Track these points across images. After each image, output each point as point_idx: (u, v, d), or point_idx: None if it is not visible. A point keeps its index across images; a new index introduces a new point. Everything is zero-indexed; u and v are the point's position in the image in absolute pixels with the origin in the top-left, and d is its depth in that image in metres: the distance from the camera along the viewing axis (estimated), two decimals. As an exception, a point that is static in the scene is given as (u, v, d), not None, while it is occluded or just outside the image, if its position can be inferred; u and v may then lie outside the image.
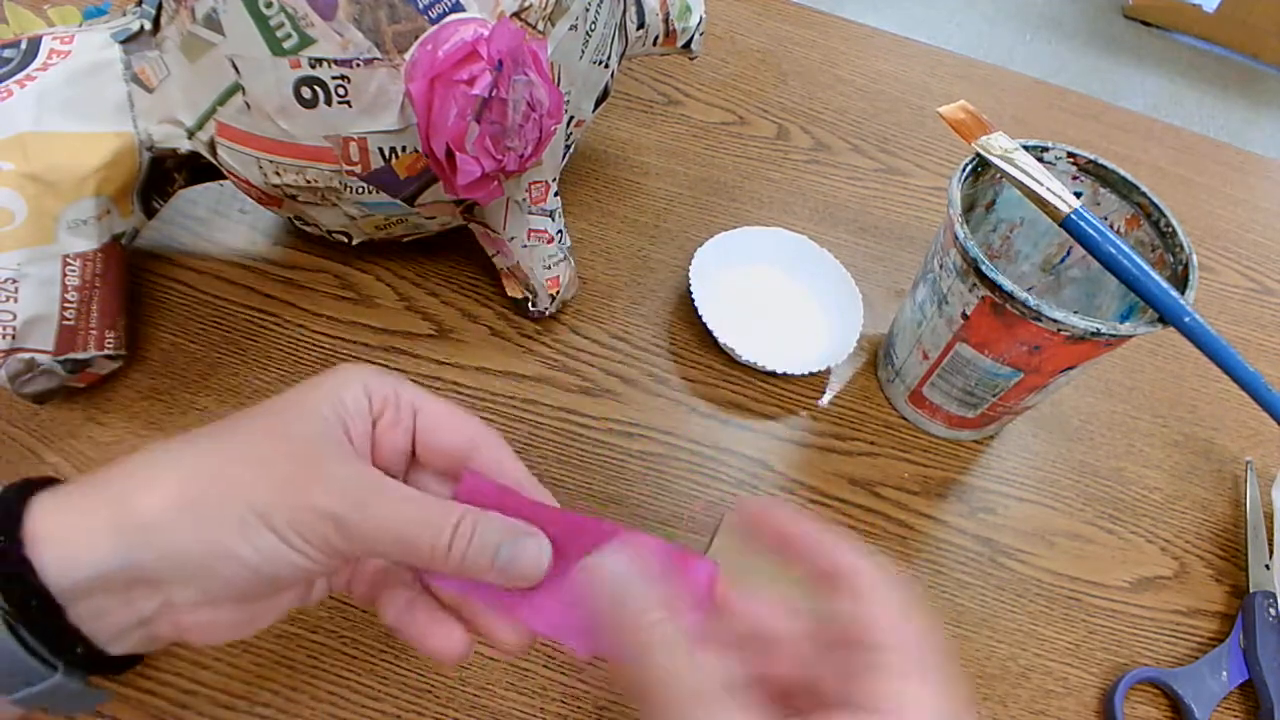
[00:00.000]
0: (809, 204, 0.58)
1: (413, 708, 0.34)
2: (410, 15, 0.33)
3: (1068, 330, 0.36)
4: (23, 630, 0.21)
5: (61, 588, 0.21)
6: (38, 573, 0.21)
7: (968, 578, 0.42)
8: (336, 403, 0.24)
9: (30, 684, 0.22)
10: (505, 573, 0.24)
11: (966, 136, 0.42)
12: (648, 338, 0.48)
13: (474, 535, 0.23)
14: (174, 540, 0.22)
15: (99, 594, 0.22)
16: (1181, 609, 0.43)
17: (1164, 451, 0.49)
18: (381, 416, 0.26)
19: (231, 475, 0.23)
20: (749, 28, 0.71)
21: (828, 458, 0.45)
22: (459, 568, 0.24)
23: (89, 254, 0.36)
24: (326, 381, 0.25)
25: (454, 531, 0.23)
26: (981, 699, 0.38)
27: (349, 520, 0.22)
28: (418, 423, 0.26)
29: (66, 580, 0.21)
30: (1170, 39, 2.36)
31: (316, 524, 0.22)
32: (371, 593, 0.27)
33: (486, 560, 0.24)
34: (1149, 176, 0.67)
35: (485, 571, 0.24)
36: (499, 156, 0.36)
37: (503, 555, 0.24)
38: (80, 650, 0.22)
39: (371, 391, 0.25)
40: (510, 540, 0.24)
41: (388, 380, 0.26)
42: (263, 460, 0.23)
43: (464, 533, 0.23)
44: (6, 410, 0.39)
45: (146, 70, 0.36)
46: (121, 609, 0.23)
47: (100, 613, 0.22)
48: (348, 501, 0.22)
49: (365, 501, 0.23)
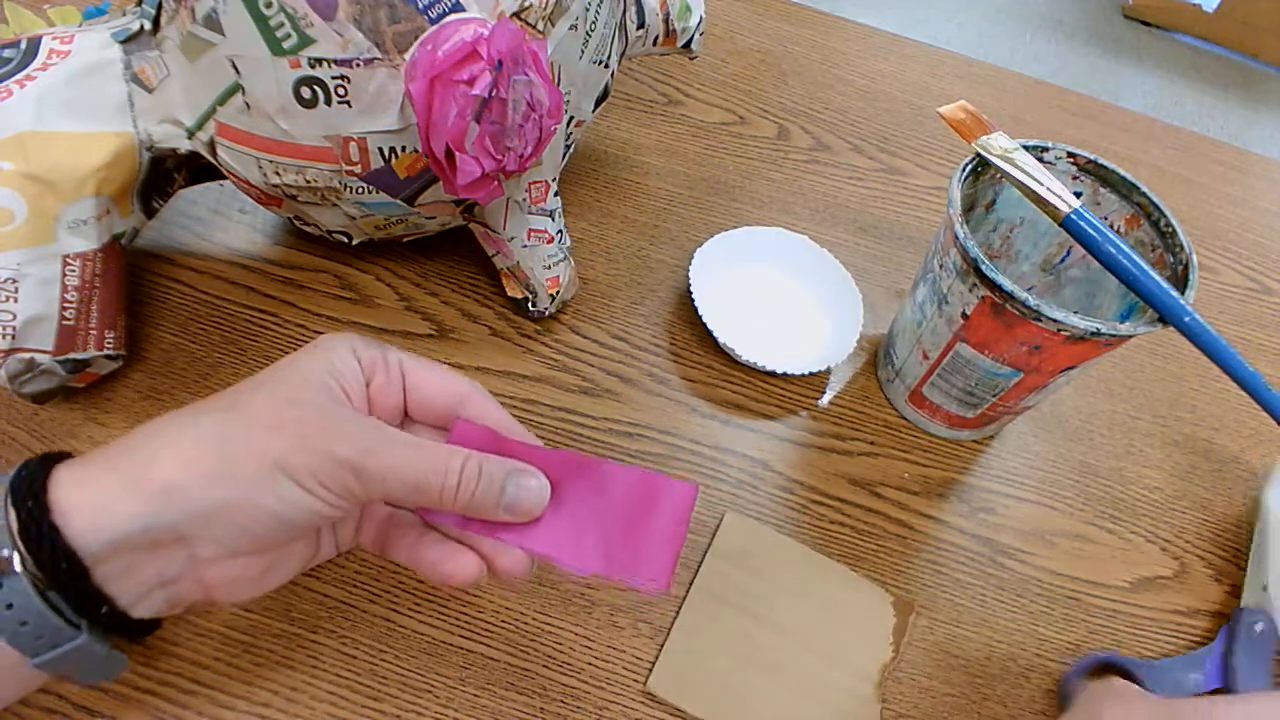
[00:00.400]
0: (809, 204, 0.58)
1: (412, 708, 0.34)
2: (410, 15, 0.33)
3: (1068, 330, 0.36)
4: (52, 594, 0.22)
5: (90, 550, 0.23)
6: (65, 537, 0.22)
7: (968, 578, 0.42)
8: (330, 368, 0.26)
9: (56, 646, 0.23)
10: (511, 509, 0.26)
11: (966, 136, 0.42)
12: (648, 338, 0.48)
13: (480, 475, 0.26)
14: (200, 498, 0.23)
15: (125, 554, 0.23)
16: (1181, 609, 0.43)
17: (1164, 451, 0.49)
18: (372, 379, 0.28)
19: (251, 438, 0.24)
20: (749, 28, 0.71)
21: (828, 458, 0.45)
22: (467, 506, 0.26)
23: (89, 254, 0.36)
24: (315, 351, 0.27)
25: (461, 473, 0.25)
26: (981, 699, 0.38)
27: (366, 466, 0.24)
28: (407, 382, 0.28)
29: (95, 544, 0.23)
30: (1170, 39, 2.36)
31: (336, 471, 0.24)
32: (379, 540, 0.29)
33: (493, 498, 0.26)
34: (1149, 176, 0.67)
35: (492, 509, 0.26)
36: (499, 156, 0.36)
37: (508, 493, 0.26)
38: (105, 610, 0.24)
39: (360, 355, 0.27)
40: (514, 479, 0.26)
41: (372, 344, 0.28)
42: (279, 424, 0.24)
43: (470, 473, 0.25)
44: (6, 410, 0.39)
45: (146, 70, 0.36)
46: (147, 565, 0.24)
47: (126, 570, 0.24)
48: (363, 450, 0.24)
49: (378, 450, 0.25)
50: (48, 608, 0.22)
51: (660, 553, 0.27)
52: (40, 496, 0.23)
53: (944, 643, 0.39)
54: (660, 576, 0.26)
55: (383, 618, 0.36)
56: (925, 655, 0.39)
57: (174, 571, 0.24)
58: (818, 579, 0.40)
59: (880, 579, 0.41)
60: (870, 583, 0.40)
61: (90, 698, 0.32)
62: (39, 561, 0.22)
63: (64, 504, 0.23)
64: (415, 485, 0.25)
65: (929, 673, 0.38)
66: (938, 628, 0.40)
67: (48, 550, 0.22)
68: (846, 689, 0.37)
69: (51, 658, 0.23)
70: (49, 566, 0.22)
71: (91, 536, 0.22)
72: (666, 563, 0.27)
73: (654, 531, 0.27)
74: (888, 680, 0.37)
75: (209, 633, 0.34)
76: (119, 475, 0.23)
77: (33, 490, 0.23)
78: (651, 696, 0.35)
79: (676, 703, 0.35)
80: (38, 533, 0.22)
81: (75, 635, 0.23)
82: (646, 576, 0.26)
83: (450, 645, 0.35)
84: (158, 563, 0.24)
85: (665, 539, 0.27)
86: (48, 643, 0.23)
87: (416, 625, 0.36)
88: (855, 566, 0.41)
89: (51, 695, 0.31)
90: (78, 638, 0.23)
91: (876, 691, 0.37)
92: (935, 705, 0.37)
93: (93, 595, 0.23)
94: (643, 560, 0.27)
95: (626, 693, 0.35)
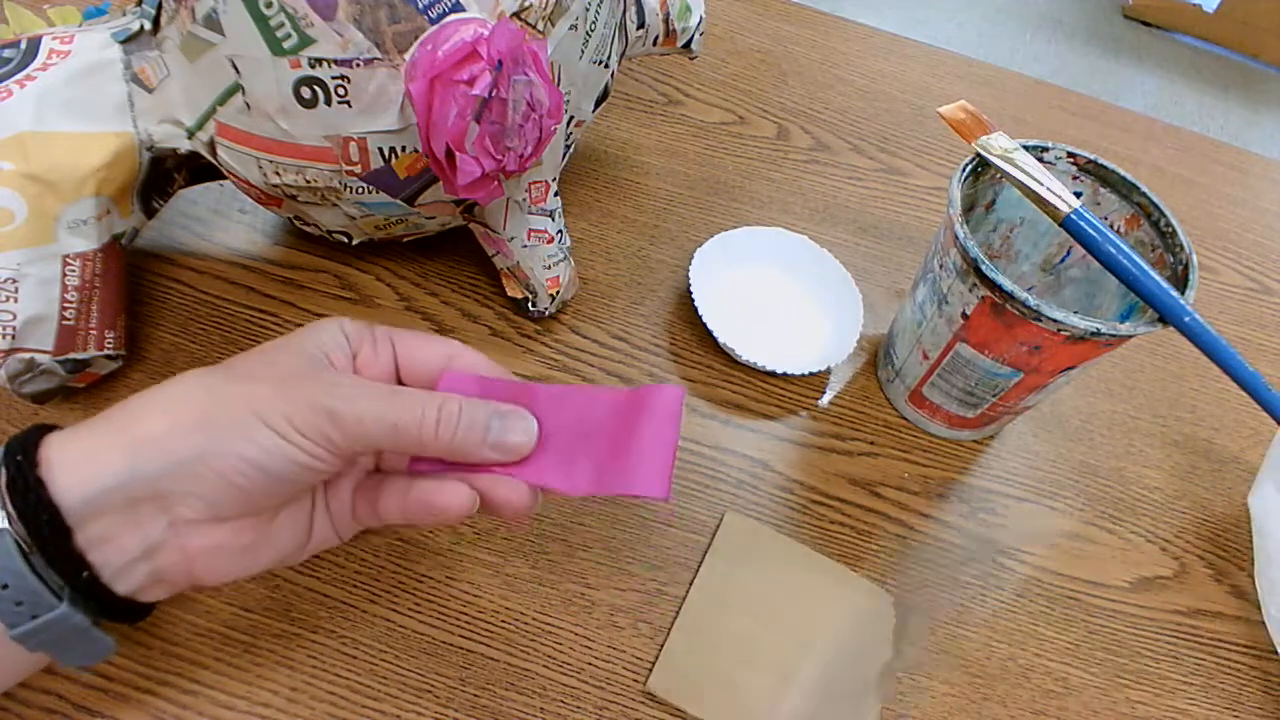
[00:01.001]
0: (809, 204, 0.58)
1: (412, 708, 0.34)
2: (410, 15, 0.33)
3: (1068, 330, 0.36)
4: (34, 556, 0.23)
5: (72, 506, 0.23)
6: (50, 491, 0.23)
7: (968, 578, 0.42)
8: (318, 340, 0.27)
9: (35, 616, 0.23)
10: (499, 447, 0.26)
11: (966, 136, 0.42)
12: (648, 338, 0.48)
13: (461, 414, 0.25)
14: (179, 448, 0.23)
15: (108, 512, 0.23)
16: (1181, 609, 0.43)
17: (1164, 451, 0.49)
18: (360, 351, 0.28)
19: (232, 393, 0.24)
20: (749, 28, 0.71)
21: (828, 458, 0.45)
22: (450, 446, 0.26)
23: (89, 254, 0.36)
24: (304, 330, 0.27)
25: (440, 411, 0.25)
26: (981, 699, 0.38)
27: (341, 411, 0.24)
28: (397, 350, 0.28)
29: (77, 497, 0.23)
30: (1170, 39, 2.36)
31: (311, 417, 0.24)
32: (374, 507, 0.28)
33: (478, 436, 0.26)
34: (1149, 176, 0.67)
35: (479, 447, 0.26)
36: (499, 156, 0.36)
37: (494, 431, 0.26)
38: (86, 575, 0.24)
39: (348, 332, 0.28)
40: (499, 418, 0.26)
41: (361, 322, 0.28)
42: (258, 377, 0.25)
43: (450, 411, 0.25)
44: (6, 410, 0.39)
45: (146, 70, 0.36)
46: (129, 531, 0.24)
47: (107, 535, 0.24)
48: (339, 396, 0.24)
49: (354, 396, 0.25)
50: (29, 570, 0.22)
51: (653, 459, 0.26)
52: (31, 453, 0.23)
53: (944, 643, 0.39)
54: (656, 482, 0.26)
55: (383, 618, 0.36)
56: (925, 655, 0.39)
57: (156, 539, 0.24)
58: (818, 579, 0.40)
59: (880, 579, 0.41)
60: (870, 583, 0.40)
61: (90, 697, 0.32)
62: (24, 516, 0.22)
63: (52, 460, 0.23)
64: (394, 425, 0.25)
65: (929, 673, 0.38)
66: (938, 628, 0.40)
67: (32, 504, 0.22)
68: (846, 689, 0.37)
69: (30, 629, 0.23)
70: (33, 523, 0.22)
71: (76, 492, 0.23)
72: (661, 468, 0.26)
73: (644, 440, 0.26)
74: (888, 680, 0.37)
75: (209, 633, 0.34)
76: (104, 432, 0.24)
77: (24, 447, 0.23)
78: (651, 696, 0.35)
79: (676, 703, 0.35)
80: (24, 486, 0.22)
81: (56, 605, 0.23)
82: (643, 485, 0.26)
83: (450, 645, 0.35)
84: (139, 528, 0.24)
85: (657, 445, 0.26)
86: (27, 611, 0.23)
87: (416, 625, 0.36)
88: (855, 566, 0.41)
89: (52, 696, 0.31)
90: (58, 607, 0.23)
91: (876, 691, 0.37)
92: (935, 705, 0.37)
93: (75, 560, 0.23)
94: (636, 471, 0.26)
95: (626, 693, 0.35)
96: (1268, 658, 0.42)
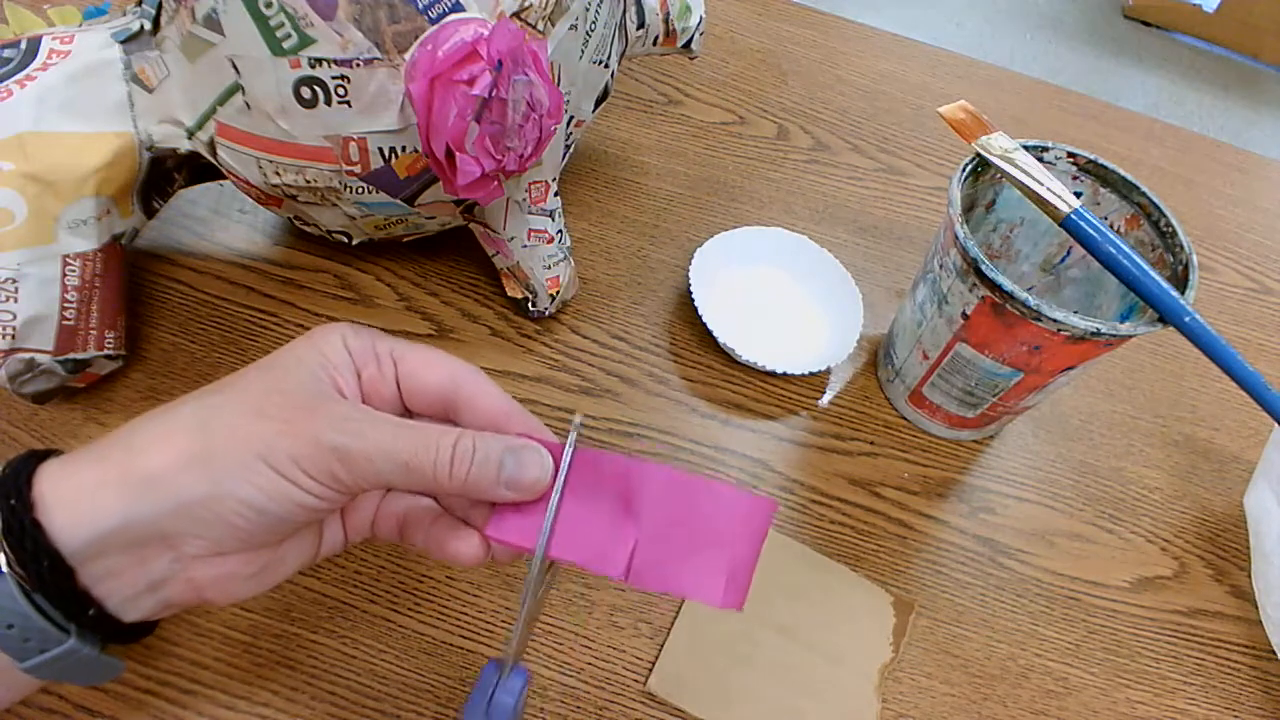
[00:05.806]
0: (809, 204, 0.58)
1: (412, 708, 0.34)
2: (410, 15, 0.33)
3: (1068, 330, 0.36)
4: (37, 596, 0.22)
5: (72, 549, 0.22)
6: (48, 534, 0.22)
7: (968, 578, 0.42)
8: (320, 358, 0.25)
9: (44, 650, 0.22)
10: (512, 484, 0.25)
11: (966, 136, 0.42)
12: (648, 338, 0.48)
13: (475, 451, 0.24)
14: (179, 489, 0.22)
15: (111, 553, 0.23)
16: (1181, 609, 0.43)
17: (1164, 451, 0.49)
18: (365, 370, 0.26)
19: (235, 427, 0.23)
20: (749, 28, 0.71)
21: (828, 458, 0.45)
22: (464, 485, 0.24)
23: (89, 254, 0.36)
24: (306, 342, 0.26)
25: (454, 449, 0.24)
26: (981, 699, 0.38)
27: (351, 449, 0.23)
28: (400, 370, 0.27)
29: (77, 540, 0.22)
30: (1170, 39, 2.36)
31: (319, 457, 0.23)
32: (399, 528, 0.28)
33: (491, 474, 0.24)
34: (1149, 176, 0.67)
35: (492, 485, 0.24)
36: (499, 156, 0.36)
37: (507, 468, 0.24)
38: (92, 613, 0.23)
39: (350, 345, 0.26)
40: (512, 452, 0.25)
41: (364, 333, 0.27)
42: (263, 412, 0.23)
43: (464, 448, 0.24)
44: (6, 410, 0.39)
45: (146, 70, 0.36)
46: (134, 568, 0.23)
47: (112, 572, 0.23)
48: (348, 433, 0.23)
49: (364, 431, 0.23)
50: (33, 610, 0.22)
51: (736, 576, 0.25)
52: (24, 494, 0.22)
53: (944, 643, 0.39)
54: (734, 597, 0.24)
55: (383, 618, 0.36)
56: (925, 655, 0.39)
57: (161, 574, 0.23)
58: (818, 579, 0.40)
59: (880, 579, 0.41)
60: (870, 583, 0.40)
61: (90, 697, 0.32)
62: (22, 561, 0.21)
63: (48, 499, 0.22)
64: (405, 464, 0.23)
65: (929, 673, 0.38)
66: (938, 628, 0.40)
67: (30, 549, 0.21)
68: (846, 689, 0.37)
69: (40, 662, 0.22)
70: (32, 566, 0.21)
71: (75, 534, 0.22)
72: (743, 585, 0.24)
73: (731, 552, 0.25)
74: (888, 680, 0.37)
75: (209, 633, 0.34)
76: (102, 469, 0.23)
77: (16, 487, 0.22)
78: (651, 696, 0.35)
79: (677, 703, 0.35)
80: (20, 531, 0.21)
81: (64, 639, 0.22)
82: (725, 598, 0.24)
83: (450, 645, 0.35)
84: (144, 565, 0.23)
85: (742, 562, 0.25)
86: (35, 646, 0.22)
87: (416, 625, 0.36)
88: (855, 566, 0.41)
89: (52, 695, 0.31)
90: (66, 641, 0.22)
91: (876, 691, 0.37)
92: (935, 705, 0.37)
93: (79, 597, 0.22)
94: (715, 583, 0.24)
95: (626, 693, 0.35)
96: (1267, 658, 0.42)
